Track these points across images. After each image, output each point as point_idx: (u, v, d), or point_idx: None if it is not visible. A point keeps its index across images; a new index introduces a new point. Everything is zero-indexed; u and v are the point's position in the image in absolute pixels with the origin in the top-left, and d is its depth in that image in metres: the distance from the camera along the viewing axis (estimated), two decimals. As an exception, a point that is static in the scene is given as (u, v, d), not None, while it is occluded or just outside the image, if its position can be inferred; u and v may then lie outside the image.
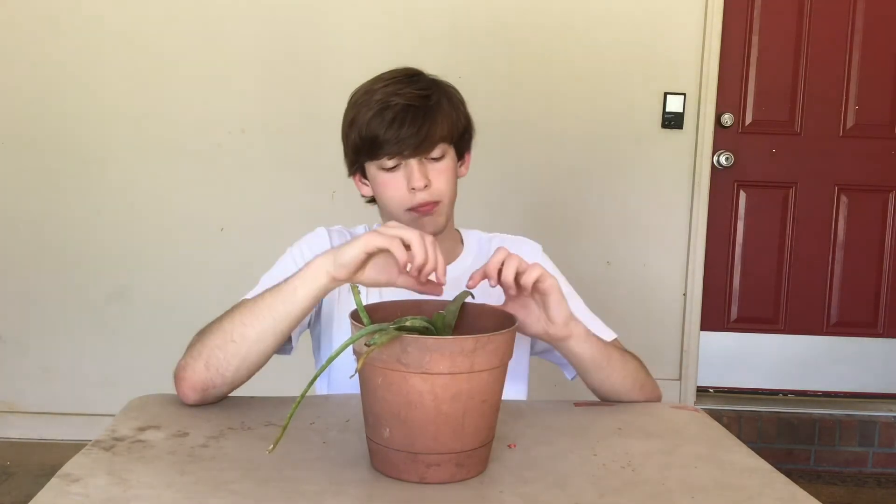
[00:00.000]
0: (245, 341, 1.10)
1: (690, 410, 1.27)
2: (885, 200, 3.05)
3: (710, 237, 2.98)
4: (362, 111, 1.25)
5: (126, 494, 0.88)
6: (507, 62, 2.86)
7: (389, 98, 1.23)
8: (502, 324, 1.00)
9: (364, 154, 1.27)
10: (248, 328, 1.10)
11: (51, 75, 2.84)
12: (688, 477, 1.00)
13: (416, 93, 1.24)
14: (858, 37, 2.96)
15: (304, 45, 2.84)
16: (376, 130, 1.23)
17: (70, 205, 2.88)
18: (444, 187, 1.28)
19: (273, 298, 1.10)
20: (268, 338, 1.10)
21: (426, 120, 1.24)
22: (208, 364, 1.11)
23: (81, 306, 2.91)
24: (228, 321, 1.11)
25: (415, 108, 1.23)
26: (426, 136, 1.24)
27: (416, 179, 1.24)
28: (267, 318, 1.10)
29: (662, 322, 2.98)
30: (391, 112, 1.22)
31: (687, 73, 2.88)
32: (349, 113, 1.29)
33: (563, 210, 2.94)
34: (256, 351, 1.11)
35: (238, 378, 1.13)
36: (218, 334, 1.11)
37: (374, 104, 1.23)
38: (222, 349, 1.10)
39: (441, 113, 1.26)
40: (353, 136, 1.27)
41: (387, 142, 1.23)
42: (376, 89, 1.25)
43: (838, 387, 3.09)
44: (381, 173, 1.27)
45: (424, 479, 0.94)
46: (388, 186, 1.27)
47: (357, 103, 1.27)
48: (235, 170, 2.89)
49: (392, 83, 1.25)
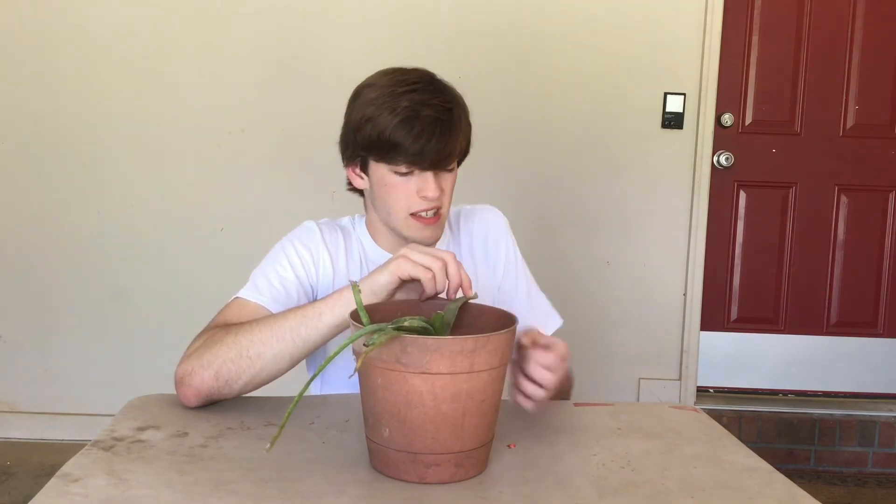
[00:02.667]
0: (260, 360, 1.10)
1: (690, 410, 1.27)
2: (885, 200, 3.05)
3: (710, 237, 2.98)
4: (384, 114, 1.22)
5: (125, 494, 0.88)
6: (507, 62, 2.86)
7: (419, 108, 1.22)
8: (502, 324, 1.00)
9: (377, 154, 1.26)
10: (266, 347, 1.09)
11: (51, 75, 2.83)
12: (687, 477, 1.00)
13: (443, 106, 1.24)
14: (858, 37, 2.95)
15: (304, 45, 2.84)
16: (401, 139, 1.22)
17: (70, 205, 2.88)
18: (448, 197, 1.30)
19: (296, 321, 1.10)
20: (284, 360, 1.11)
21: (451, 136, 1.25)
22: (218, 375, 1.10)
23: (81, 306, 2.91)
24: (245, 336, 1.10)
25: (441, 123, 1.23)
26: (448, 153, 1.25)
27: (432, 190, 1.25)
28: (287, 340, 1.09)
29: (662, 322, 2.98)
30: (420, 124, 1.21)
31: (687, 73, 2.88)
32: (364, 109, 1.26)
33: (563, 210, 2.94)
34: (270, 370, 1.11)
35: (245, 391, 1.14)
36: (233, 347, 1.10)
37: (401, 111, 1.22)
38: (235, 363, 1.10)
39: (460, 129, 1.28)
40: (369, 134, 1.24)
41: (410, 152, 1.22)
42: (401, 93, 1.23)
43: (838, 387, 3.09)
44: (391, 175, 1.26)
45: (424, 479, 0.93)
46: (397, 189, 1.27)
47: (377, 103, 1.24)
48: (235, 170, 2.89)
49: (418, 90, 1.24)
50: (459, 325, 1.07)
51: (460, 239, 1.42)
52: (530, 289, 1.45)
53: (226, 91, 2.86)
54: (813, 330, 3.09)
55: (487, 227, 1.45)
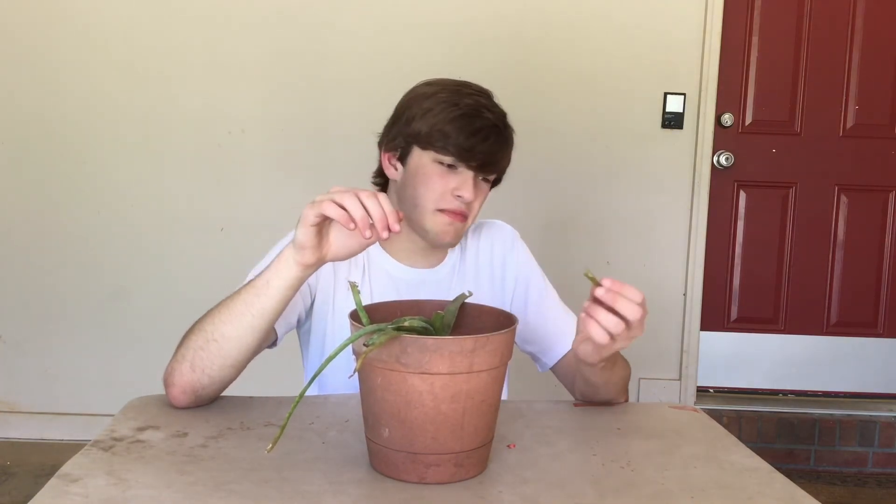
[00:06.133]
0: (226, 340, 1.09)
1: (690, 410, 1.27)
2: (885, 200, 3.05)
3: (710, 237, 2.98)
4: (444, 107, 1.25)
5: (125, 494, 0.88)
6: (508, 62, 2.85)
7: (481, 110, 1.26)
8: (502, 324, 1.00)
9: (425, 142, 1.26)
10: (228, 327, 1.09)
11: (50, 75, 2.84)
12: (687, 477, 1.00)
13: (501, 117, 1.29)
14: (858, 37, 2.95)
15: (305, 45, 2.84)
16: (457, 131, 1.23)
17: (70, 205, 2.88)
18: (476, 207, 1.31)
19: (248, 294, 1.10)
20: (247, 335, 1.10)
21: (502, 147, 1.29)
22: (193, 366, 1.10)
23: (81, 306, 2.91)
24: (208, 321, 1.11)
25: (498, 130, 1.27)
26: (496, 160, 1.28)
27: (468, 191, 1.26)
28: (245, 314, 1.09)
29: (662, 322, 2.98)
30: (480, 122, 1.25)
31: (687, 73, 2.88)
32: (423, 102, 1.28)
33: (563, 210, 2.94)
34: (238, 348, 1.10)
35: (225, 376, 1.12)
36: (200, 335, 1.11)
37: (463, 106, 1.25)
38: (205, 349, 1.10)
39: (509, 147, 1.31)
40: (422, 124, 1.26)
41: (463, 146, 1.24)
42: (466, 94, 1.27)
43: (838, 387, 3.09)
44: (433, 165, 1.27)
45: (424, 480, 0.93)
46: (435, 180, 1.27)
47: (439, 97, 1.27)
48: (235, 170, 2.89)
49: (482, 97, 1.28)
50: (459, 325, 1.07)
51: (467, 255, 1.41)
52: (554, 302, 1.42)
53: (226, 91, 2.86)
54: (813, 330, 3.09)
55: (494, 243, 1.43)
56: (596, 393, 1.25)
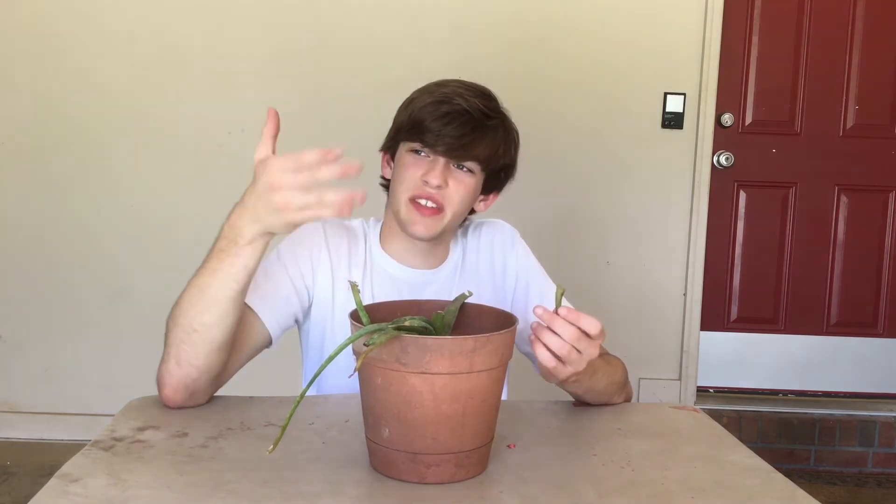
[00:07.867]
0: (207, 328, 1.07)
1: (690, 410, 1.27)
2: (885, 200, 3.05)
3: (710, 237, 2.98)
4: (424, 96, 1.28)
5: (125, 495, 0.88)
6: (507, 62, 2.85)
7: (453, 97, 1.25)
8: (502, 324, 1.00)
9: (403, 133, 1.29)
10: (208, 316, 1.06)
11: (50, 75, 2.83)
12: (688, 477, 1.00)
13: (480, 106, 1.26)
14: (858, 37, 2.95)
15: (305, 44, 2.84)
16: (426, 116, 1.25)
17: (70, 205, 2.88)
18: (455, 198, 1.28)
19: (222, 281, 1.06)
20: (228, 314, 1.07)
21: (474, 133, 1.25)
22: (179, 360, 1.09)
23: (81, 306, 2.91)
24: (183, 314, 1.08)
25: (470, 117, 1.25)
26: (463, 146, 1.25)
27: (435, 176, 1.25)
28: (221, 299, 1.06)
29: (662, 322, 2.98)
30: (447, 107, 1.25)
31: (687, 73, 2.88)
32: (413, 95, 1.32)
33: (563, 210, 2.94)
34: (221, 329, 1.08)
35: (212, 364, 1.10)
36: (179, 329, 1.08)
37: (437, 94, 1.27)
38: (187, 342, 1.07)
39: (490, 137, 1.28)
40: (403, 115, 1.30)
41: (429, 130, 1.24)
42: (449, 83, 1.29)
43: (838, 387, 3.09)
44: (408, 154, 1.28)
45: (424, 480, 0.93)
46: (408, 167, 1.28)
47: (423, 89, 1.30)
48: (235, 170, 2.87)
49: (465, 88, 1.28)
50: (459, 325, 1.07)
51: (467, 255, 1.41)
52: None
53: (226, 91, 2.85)
54: (813, 330, 3.09)
55: (494, 242, 1.43)
56: (584, 399, 1.24)
